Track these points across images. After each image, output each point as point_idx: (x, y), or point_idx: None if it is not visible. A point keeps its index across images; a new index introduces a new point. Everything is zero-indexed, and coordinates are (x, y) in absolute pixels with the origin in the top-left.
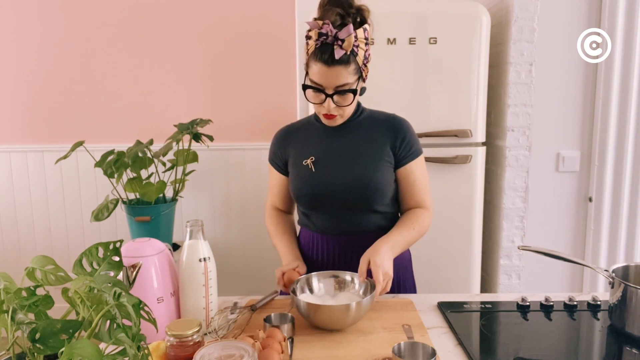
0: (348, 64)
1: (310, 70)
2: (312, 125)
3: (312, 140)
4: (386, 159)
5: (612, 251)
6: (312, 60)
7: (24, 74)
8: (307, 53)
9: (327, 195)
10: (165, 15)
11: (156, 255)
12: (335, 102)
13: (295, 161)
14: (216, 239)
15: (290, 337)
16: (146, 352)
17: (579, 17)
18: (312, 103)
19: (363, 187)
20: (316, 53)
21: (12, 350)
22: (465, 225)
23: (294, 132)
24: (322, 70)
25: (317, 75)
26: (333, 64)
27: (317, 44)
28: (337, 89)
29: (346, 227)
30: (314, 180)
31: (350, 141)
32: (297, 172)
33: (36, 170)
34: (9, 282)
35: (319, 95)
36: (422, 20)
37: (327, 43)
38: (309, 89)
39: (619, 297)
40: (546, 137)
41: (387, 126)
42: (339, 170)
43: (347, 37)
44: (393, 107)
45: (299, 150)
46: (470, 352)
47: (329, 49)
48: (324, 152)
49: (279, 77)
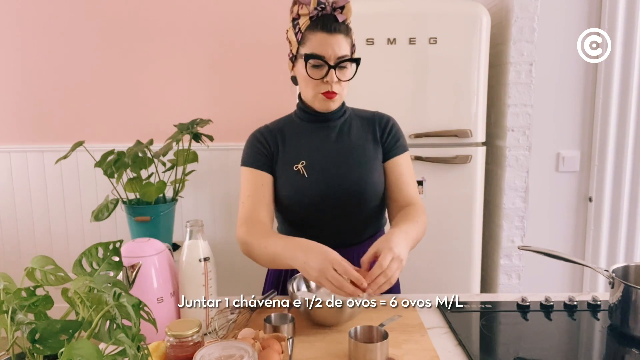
0: (347, 34)
1: (307, 44)
2: (294, 123)
3: (298, 140)
4: (378, 157)
5: (612, 251)
6: (309, 33)
7: (24, 74)
8: (298, 33)
9: (321, 201)
10: (165, 16)
11: (156, 255)
12: (337, 76)
13: (283, 165)
14: (216, 239)
15: (290, 337)
16: (146, 352)
17: (579, 17)
18: (310, 80)
19: (361, 192)
20: (315, 24)
21: (12, 350)
22: (465, 225)
23: (276, 131)
24: (324, 39)
25: (318, 47)
26: (335, 31)
27: (312, 16)
28: (339, 59)
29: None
30: (307, 186)
31: (340, 142)
32: (287, 178)
33: (36, 170)
34: (8, 282)
35: (320, 70)
36: (422, 20)
37: (325, 14)
38: (311, 59)
39: (619, 297)
40: (546, 137)
41: (372, 122)
42: (332, 174)
43: (346, 4)
44: (393, 107)
45: (285, 152)
46: (470, 352)
47: (329, 18)
48: (314, 155)
49: (279, 77)
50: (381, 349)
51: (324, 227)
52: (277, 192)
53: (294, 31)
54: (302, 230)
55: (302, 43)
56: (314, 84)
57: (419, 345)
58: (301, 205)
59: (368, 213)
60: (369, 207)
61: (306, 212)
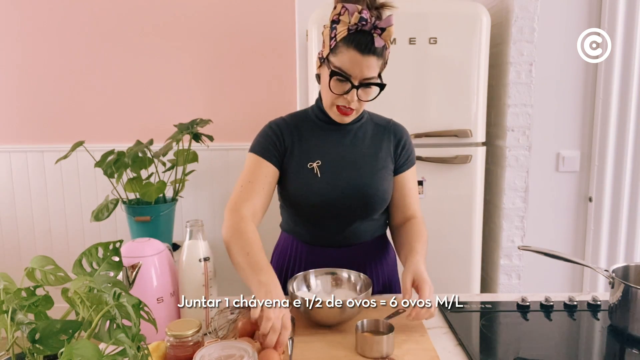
0: (381, 56)
1: (338, 57)
2: (311, 121)
3: (315, 140)
4: (389, 166)
5: (612, 251)
6: (343, 47)
7: (24, 74)
8: (332, 38)
9: (330, 202)
10: (165, 15)
11: (156, 255)
12: (358, 96)
13: (298, 161)
14: (216, 239)
15: (290, 337)
16: (146, 352)
17: (579, 17)
18: (331, 93)
19: (369, 196)
20: (351, 39)
21: (12, 350)
22: (465, 225)
23: (293, 126)
24: (355, 59)
25: (347, 64)
26: (369, 54)
27: (351, 29)
28: (364, 80)
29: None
30: (319, 186)
31: (354, 147)
32: (301, 175)
33: (36, 170)
34: (8, 282)
35: (343, 85)
36: (422, 20)
37: (364, 30)
38: (335, 75)
39: (619, 297)
40: (546, 137)
41: (388, 131)
42: (344, 177)
43: (388, 27)
44: (393, 107)
45: (301, 149)
46: (470, 352)
47: (367, 37)
48: (330, 156)
49: (279, 77)
50: (387, 341)
51: (328, 226)
52: (285, 186)
53: (329, 34)
54: (306, 227)
55: (333, 51)
56: (333, 96)
57: (419, 345)
58: (308, 203)
59: (373, 217)
60: (375, 212)
61: (312, 210)
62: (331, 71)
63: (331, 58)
